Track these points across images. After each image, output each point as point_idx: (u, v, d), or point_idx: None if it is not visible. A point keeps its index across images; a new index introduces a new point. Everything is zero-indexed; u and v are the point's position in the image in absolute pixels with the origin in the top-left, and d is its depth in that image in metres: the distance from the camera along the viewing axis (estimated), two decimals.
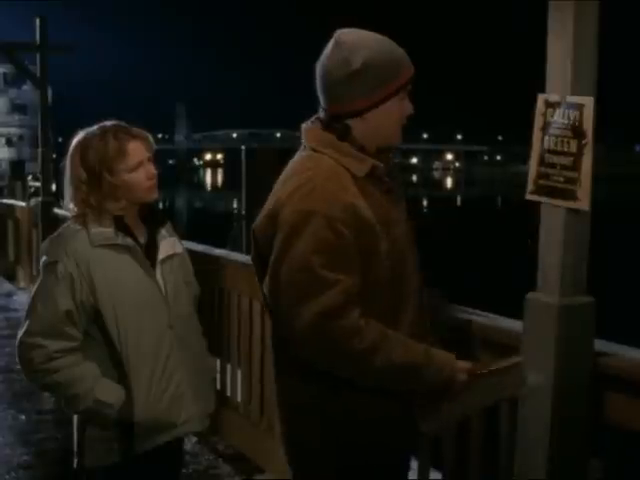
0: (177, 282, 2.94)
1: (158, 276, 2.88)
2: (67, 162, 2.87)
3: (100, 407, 2.77)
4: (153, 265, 2.88)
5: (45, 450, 5.30)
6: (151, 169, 2.86)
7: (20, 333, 2.81)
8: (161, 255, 2.91)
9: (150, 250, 2.89)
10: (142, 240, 2.89)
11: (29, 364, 2.79)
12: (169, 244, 2.95)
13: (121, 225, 2.83)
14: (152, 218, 2.95)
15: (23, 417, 5.93)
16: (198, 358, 3.00)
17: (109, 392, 2.78)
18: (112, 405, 2.77)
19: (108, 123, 2.87)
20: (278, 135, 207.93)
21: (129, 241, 2.82)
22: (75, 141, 2.86)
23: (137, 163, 2.81)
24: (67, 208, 2.91)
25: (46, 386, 2.89)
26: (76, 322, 2.76)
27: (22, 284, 11.32)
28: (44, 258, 2.81)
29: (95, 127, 2.86)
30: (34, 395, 6.23)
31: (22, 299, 10.55)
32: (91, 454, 2.85)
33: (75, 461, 2.91)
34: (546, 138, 2.65)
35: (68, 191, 2.87)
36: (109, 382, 2.79)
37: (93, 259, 2.76)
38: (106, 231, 2.79)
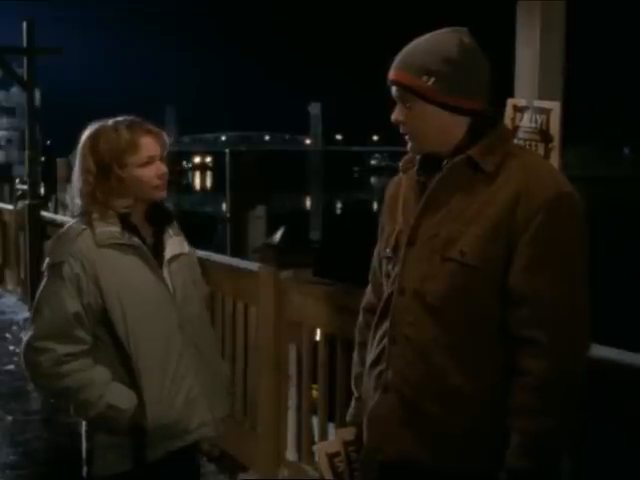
0: (185, 282, 2.82)
1: (165, 275, 2.77)
2: (77, 153, 2.75)
3: (112, 412, 2.64)
4: (160, 265, 2.77)
5: (32, 450, 5.33)
6: (162, 167, 2.74)
7: (26, 337, 2.69)
8: (168, 254, 2.79)
9: (157, 249, 2.78)
10: (149, 239, 2.78)
11: (37, 369, 2.66)
12: (176, 243, 2.84)
13: (128, 224, 2.72)
14: (158, 217, 2.83)
15: (10, 418, 5.95)
16: (211, 360, 2.87)
17: (121, 397, 2.65)
18: (125, 410, 2.64)
19: (122, 117, 2.76)
20: (267, 138, 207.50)
21: (135, 240, 2.70)
22: (87, 132, 2.74)
23: (148, 158, 2.70)
24: (73, 203, 2.78)
25: (55, 392, 2.78)
26: (85, 324, 2.64)
27: (10, 287, 11.31)
28: (48, 259, 2.71)
29: (109, 120, 2.75)
30: (21, 396, 6.27)
31: (9, 302, 10.58)
32: (101, 462, 2.72)
33: (84, 470, 2.78)
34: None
35: (77, 184, 2.74)
36: (121, 386, 2.67)
37: (99, 260, 2.65)
38: (112, 230, 2.67)
